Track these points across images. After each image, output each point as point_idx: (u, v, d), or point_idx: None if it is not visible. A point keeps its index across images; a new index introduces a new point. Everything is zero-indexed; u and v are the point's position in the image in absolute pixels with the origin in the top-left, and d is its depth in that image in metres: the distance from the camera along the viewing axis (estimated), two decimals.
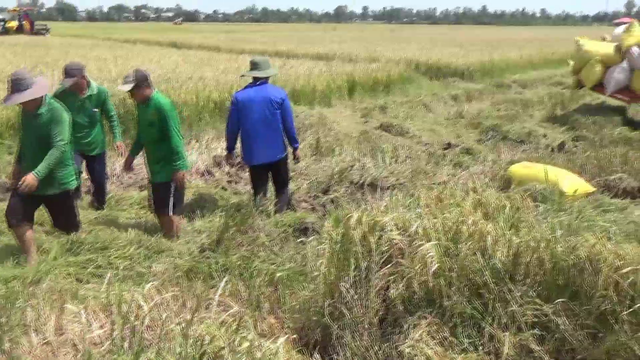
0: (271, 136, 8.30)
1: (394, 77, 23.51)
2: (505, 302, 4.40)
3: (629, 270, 4.24)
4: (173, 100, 13.87)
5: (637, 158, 10.87)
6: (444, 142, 13.81)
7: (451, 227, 5.03)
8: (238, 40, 46.98)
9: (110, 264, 6.68)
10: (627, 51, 15.59)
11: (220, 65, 22.32)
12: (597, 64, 16.03)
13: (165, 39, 50.92)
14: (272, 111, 8.24)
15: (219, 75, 18.83)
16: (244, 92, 8.41)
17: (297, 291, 5.52)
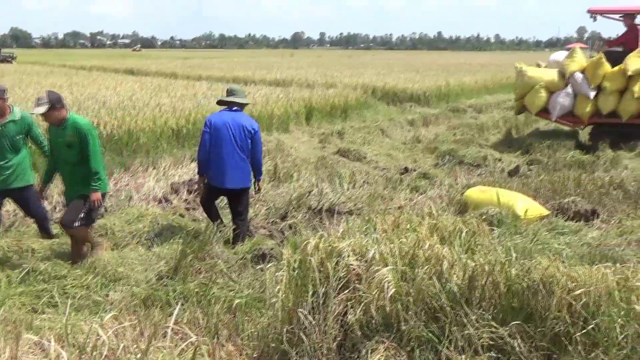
0: (240, 163, 8.28)
1: (351, 102, 23.65)
2: (462, 326, 4.45)
3: (582, 292, 4.32)
4: (130, 127, 13.91)
5: (590, 181, 11.06)
6: (401, 166, 13.92)
7: (408, 251, 5.08)
8: (195, 67, 46.92)
9: (66, 293, 6.62)
10: (570, 77, 15.99)
11: (178, 92, 22.25)
12: (542, 89, 16.34)
13: (122, 65, 50.71)
14: (244, 139, 8.24)
15: (176, 102, 18.75)
16: (218, 115, 8.38)
17: (256, 318, 5.53)
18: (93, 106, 16.77)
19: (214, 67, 46.26)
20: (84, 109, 16.09)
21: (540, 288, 4.47)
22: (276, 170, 12.28)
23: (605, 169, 12.83)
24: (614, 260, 6.16)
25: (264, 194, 10.73)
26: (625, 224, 8.90)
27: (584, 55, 16.55)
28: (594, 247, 7.65)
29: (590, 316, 4.26)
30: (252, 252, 7.81)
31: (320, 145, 16.86)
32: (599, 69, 15.65)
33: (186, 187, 11.11)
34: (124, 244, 8.33)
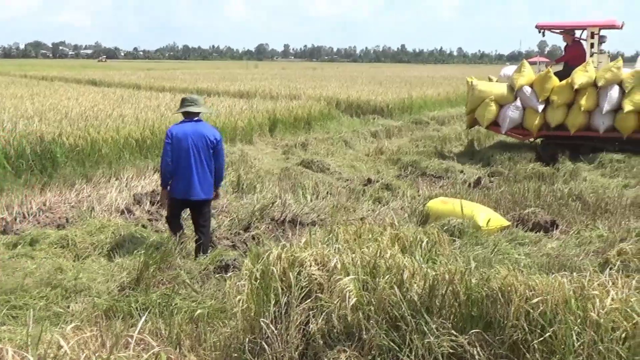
0: (204, 174, 8.25)
1: (314, 114, 23.73)
2: (422, 334, 4.50)
3: (539, 300, 4.40)
4: (92, 138, 13.84)
5: (549, 193, 11.23)
6: (364, 178, 13.99)
7: (369, 261, 5.12)
8: (158, 78, 46.68)
9: (26, 305, 6.55)
10: (519, 90, 16.32)
11: (141, 103, 22.16)
12: (492, 103, 16.61)
13: (84, 76, 50.31)
14: (206, 149, 8.21)
15: (139, 113, 18.68)
16: (179, 126, 8.31)
17: (218, 328, 5.51)
18: (55, 117, 16.65)
19: (177, 78, 46.09)
20: (45, 119, 15.98)
21: (499, 297, 4.54)
22: (239, 182, 12.29)
23: (564, 181, 13.02)
24: (572, 269, 6.26)
25: (227, 204, 10.73)
26: (584, 235, 9.03)
27: (532, 69, 16.86)
28: (553, 258, 7.76)
29: (547, 324, 4.33)
30: (215, 263, 7.81)
31: (284, 157, 16.91)
32: (547, 83, 16.04)
33: (149, 198, 11.06)
34: (85, 255, 8.26)
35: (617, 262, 6.54)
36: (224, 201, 10.92)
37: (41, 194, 11.25)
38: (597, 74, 15.82)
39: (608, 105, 15.61)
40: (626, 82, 15.60)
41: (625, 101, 15.55)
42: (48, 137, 13.52)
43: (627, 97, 15.57)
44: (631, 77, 15.61)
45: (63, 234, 8.83)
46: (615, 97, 15.66)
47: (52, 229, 9.44)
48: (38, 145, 13.13)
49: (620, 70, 15.77)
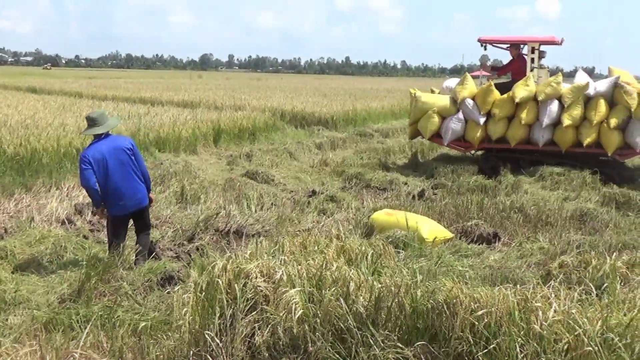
0: (134, 184, 8.15)
1: (259, 125, 23.69)
2: (368, 346, 4.50)
3: (484, 312, 4.43)
4: (32, 147, 13.59)
5: (492, 205, 11.37)
6: (309, 189, 13.98)
7: (315, 273, 5.12)
8: (101, 87, 46.15)
9: None
10: (461, 103, 16.53)
11: (83, 112, 21.85)
12: (435, 115, 16.76)
13: (24, 83, 49.49)
14: (127, 159, 8.10)
15: (81, 121, 18.41)
16: (93, 148, 8.10)
17: (162, 341, 5.45)
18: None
19: (120, 87, 45.61)
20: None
21: (444, 309, 4.56)
22: (183, 192, 12.19)
23: (506, 194, 13.17)
24: (515, 281, 6.34)
25: (171, 215, 10.63)
26: (525, 247, 9.16)
27: (474, 82, 17.13)
28: (496, 270, 7.85)
29: (492, 336, 4.37)
30: (158, 275, 7.71)
31: (228, 168, 16.83)
32: (489, 96, 16.27)
33: (91, 209, 10.88)
34: (24, 266, 8.09)
35: (558, 274, 6.63)
36: (168, 212, 10.82)
37: None
38: (538, 89, 16.12)
39: (548, 119, 15.89)
40: (565, 97, 15.88)
41: (565, 115, 15.84)
42: None
43: (566, 111, 15.87)
44: (570, 93, 15.89)
45: (1, 244, 8.64)
46: (554, 111, 15.95)
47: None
48: None
49: (560, 85, 16.05)
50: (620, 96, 15.71)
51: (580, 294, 4.96)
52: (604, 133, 15.74)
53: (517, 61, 17.62)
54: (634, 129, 15.72)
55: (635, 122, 15.71)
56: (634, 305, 4.91)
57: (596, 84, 16.15)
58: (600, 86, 16.05)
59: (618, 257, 6.92)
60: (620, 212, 11.47)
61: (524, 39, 18.03)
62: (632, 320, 4.39)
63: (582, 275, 6.48)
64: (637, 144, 15.72)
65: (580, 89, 15.88)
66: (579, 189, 13.70)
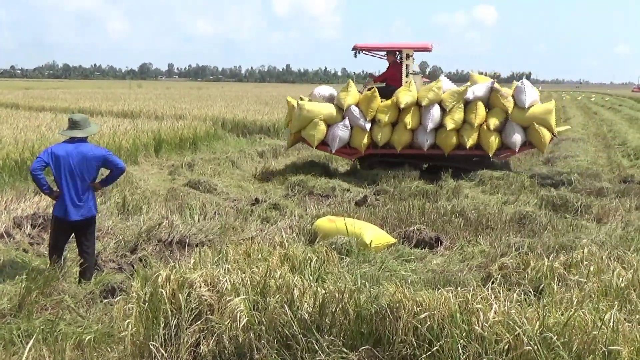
0: (83, 195, 8.04)
1: (200, 134, 23.60)
2: (314, 352, 4.54)
3: (426, 315, 4.50)
4: None
5: (434, 210, 11.52)
6: (252, 198, 13.96)
7: (259, 281, 5.14)
8: (38, 97, 45.43)
9: None
10: (347, 110, 16.73)
11: (20, 123, 21.52)
12: (321, 122, 16.77)
13: None
14: (89, 169, 8.01)
15: (18, 133, 18.14)
16: (61, 146, 8.04)
17: (106, 353, 5.40)
18: None
19: (58, 98, 45.01)
20: None
21: (388, 313, 4.62)
22: (125, 203, 12.06)
23: (447, 198, 13.36)
24: (456, 284, 6.44)
25: (113, 226, 10.52)
26: (467, 250, 9.31)
27: (357, 89, 17.40)
28: (438, 273, 7.96)
29: (434, 338, 4.44)
30: (100, 287, 7.63)
31: (170, 177, 16.73)
32: (373, 102, 16.55)
33: (30, 222, 10.71)
34: None
35: (498, 276, 6.75)
36: (109, 223, 10.69)
37: None
38: (420, 94, 16.61)
39: (432, 123, 16.40)
40: (446, 102, 16.50)
41: (447, 119, 16.41)
42: None
43: (448, 115, 16.47)
44: (451, 97, 16.54)
45: None
46: (437, 115, 16.48)
47: None
48: None
49: (440, 91, 16.62)
50: (497, 99, 16.65)
51: (519, 295, 5.06)
52: (484, 135, 16.56)
53: (392, 68, 18.03)
54: (511, 130, 16.63)
55: (511, 123, 16.66)
56: (571, 304, 5.03)
57: (474, 89, 16.89)
58: (478, 90, 16.81)
59: (556, 258, 7.08)
60: (557, 214, 11.72)
61: (399, 45, 18.46)
62: (569, 319, 4.50)
63: (521, 277, 6.62)
64: (515, 144, 16.65)
65: (460, 93, 16.60)
66: (518, 193, 13.99)
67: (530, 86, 17.10)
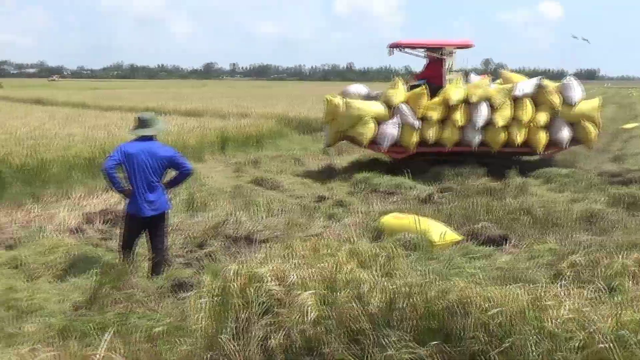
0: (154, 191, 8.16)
1: (265, 132, 23.78)
2: (382, 347, 4.53)
3: (496, 311, 4.46)
4: (41, 157, 13.67)
5: (500, 207, 11.38)
6: (317, 195, 14.01)
7: (327, 276, 5.15)
8: (105, 97, 46.34)
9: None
10: (397, 108, 16.58)
11: (89, 122, 22.00)
12: (371, 121, 16.59)
13: (29, 95, 49.69)
14: (156, 168, 8.14)
15: (88, 131, 18.55)
16: (131, 144, 8.23)
17: (176, 346, 5.48)
18: (1, 136, 16.44)
19: (125, 98, 45.82)
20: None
21: (457, 309, 4.59)
22: (192, 200, 12.22)
23: (514, 196, 13.18)
24: (525, 282, 6.36)
25: (180, 222, 10.66)
26: (535, 249, 9.16)
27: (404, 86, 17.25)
28: (506, 271, 7.87)
29: (505, 335, 4.39)
30: (170, 281, 7.75)
31: (235, 175, 16.89)
32: (422, 100, 16.48)
33: (100, 217, 10.94)
34: (37, 275, 8.14)
35: (569, 273, 6.66)
36: (177, 219, 10.84)
37: None
38: (469, 91, 16.54)
39: (481, 120, 16.30)
40: (495, 99, 16.39)
41: (497, 116, 16.31)
42: None
43: (497, 112, 16.35)
44: (499, 94, 16.45)
45: (13, 254, 8.72)
46: (485, 112, 16.37)
47: (2, 249, 9.31)
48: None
49: (489, 87, 16.62)
50: (544, 96, 16.58)
51: (591, 293, 4.98)
52: (533, 132, 16.55)
53: (432, 65, 17.83)
54: (559, 127, 16.64)
55: (559, 120, 16.65)
56: None
57: (522, 85, 16.79)
58: (526, 87, 16.73)
59: (627, 256, 6.95)
60: (628, 212, 11.46)
61: (441, 42, 18.30)
62: None
63: (593, 275, 6.51)
64: (563, 140, 16.69)
65: (509, 90, 16.52)
66: (586, 190, 13.73)
67: (577, 83, 17.04)
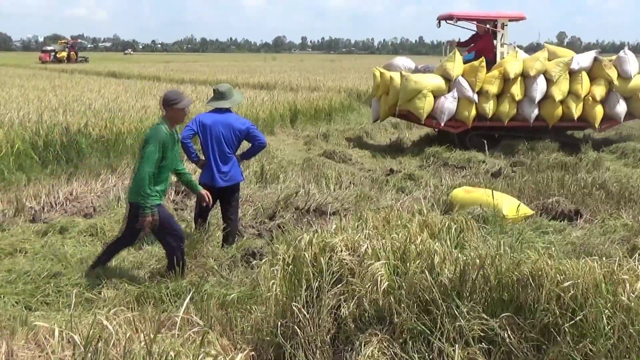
0: (228, 162, 8.27)
1: (335, 105, 23.82)
2: (453, 318, 4.54)
3: (570, 284, 4.43)
4: (117, 129, 13.98)
5: (573, 182, 11.22)
6: (386, 168, 14.03)
7: (399, 247, 5.18)
8: (178, 70, 46.92)
9: (60, 292, 6.66)
10: (455, 81, 16.22)
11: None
12: (429, 94, 16.18)
13: (104, 68, 50.67)
14: (231, 139, 8.26)
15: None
16: (208, 115, 8.41)
17: (248, 313, 5.59)
18: (79, 108, 16.84)
19: (196, 71, 46.36)
20: (70, 110, 16.18)
21: (530, 281, 4.57)
22: (263, 172, 12.35)
23: (587, 170, 12.99)
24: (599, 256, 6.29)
25: (252, 194, 10.79)
26: (608, 224, 9.02)
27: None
28: (578, 246, 7.79)
29: (578, 308, 4.36)
30: (242, 251, 7.89)
31: (306, 147, 16.99)
32: (480, 73, 16.10)
33: (174, 188, 11.15)
34: None
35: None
36: (249, 191, 10.98)
37: (67, 183, 11.39)
38: (527, 64, 16.20)
39: (539, 94, 16.04)
40: (552, 72, 16.06)
41: (554, 90, 16.05)
42: (74, 128, 13.68)
43: (555, 86, 16.06)
44: (557, 67, 16.11)
45: (91, 222, 8.95)
46: (543, 86, 16.10)
47: (80, 217, 9.57)
48: (64, 136, 13.27)
49: (546, 60, 16.24)
50: (600, 70, 16.27)
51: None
52: (589, 106, 16.31)
53: (485, 38, 17.35)
54: (615, 101, 16.38)
55: (615, 94, 16.36)
56: None
57: (578, 58, 16.42)
58: (582, 61, 16.40)
59: None
60: None
61: (494, 15, 17.83)
62: None
63: None
64: (620, 115, 16.46)
65: (566, 63, 16.14)
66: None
67: (633, 56, 16.67)
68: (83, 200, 10.57)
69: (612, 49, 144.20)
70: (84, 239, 8.40)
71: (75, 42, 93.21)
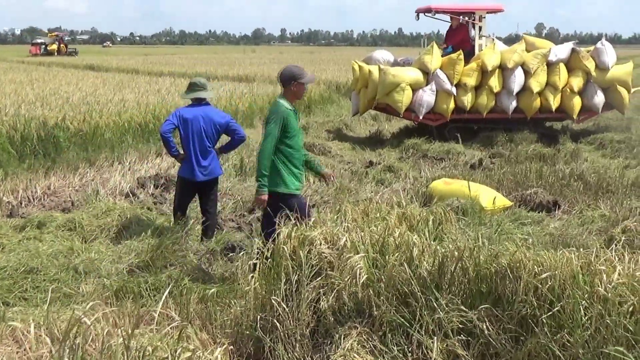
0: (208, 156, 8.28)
1: (314, 97, 23.80)
2: (432, 310, 4.56)
3: (547, 275, 4.45)
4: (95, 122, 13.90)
5: (551, 173, 11.28)
6: (366, 160, 14.05)
7: (378, 239, 5.18)
8: (156, 63, 46.70)
9: (37, 287, 6.61)
10: (433, 74, 16.20)
11: (141, 88, 22.24)
12: (408, 88, 16.13)
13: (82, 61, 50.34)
14: (211, 133, 8.26)
15: (140, 97, 18.76)
16: (187, 109, 8.38)
17: (228, 307, 5.58)
18: (57, 102, 16.73)
19: (175, 63, 46.20)
20: (47, 104, 16.07)
21: (508, 273, 4.59)
22: (242, 165, 12.34)
23: (565, 162, 13.08)
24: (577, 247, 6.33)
25: (231, 187, 10.78)
26: (586, 214, 9.10)
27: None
28: (556, 237, 7.84)
29: (555, 299, 4.38)
30: (221, 244, 7.88)
31: None
32: (457, 66, 16.14)
33: (153, 182, 11.12)
34: (92, 237, 8.32)
35: (621, 239, 6.60)
36: (228, 184, 10.96)
37: (45, 178, 11.34)
38: (504, 56, 16.25)
39: (517, 86, 16.11)
40: (530, 64, 16.12)
41: (532, 81, 16.12)
42: (51, 122, 13.59)
43: (533, 77, 16.13)
44: (534, 59, 16.17)
45: (69, 217, 8.90)
46: (521, 78, 16.17)
47: (58, 212, 9.52)
48: (41, 130, 13.18)
49: (523, 52, 16.29)
50: (578, 61, 16.34)
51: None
52: (567, 98, 16.36)
53: (459, 30, 17.39)
54: (592, 92, 16.47)
55: (593, 85, 16.45)
56: None
57: (556, 50, 16.48)
58: (560, 52, 16.44)
59: None
60: None
61: (472, 7, 17.82)
62: None
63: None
64: (597, 106, 16.57)
65: (544, 55, 16.19)
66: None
67: (610, 47, 16.73)
68: (61, 195, 10.53)
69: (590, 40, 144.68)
70: (62, 234, 8.34)
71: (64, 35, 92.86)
